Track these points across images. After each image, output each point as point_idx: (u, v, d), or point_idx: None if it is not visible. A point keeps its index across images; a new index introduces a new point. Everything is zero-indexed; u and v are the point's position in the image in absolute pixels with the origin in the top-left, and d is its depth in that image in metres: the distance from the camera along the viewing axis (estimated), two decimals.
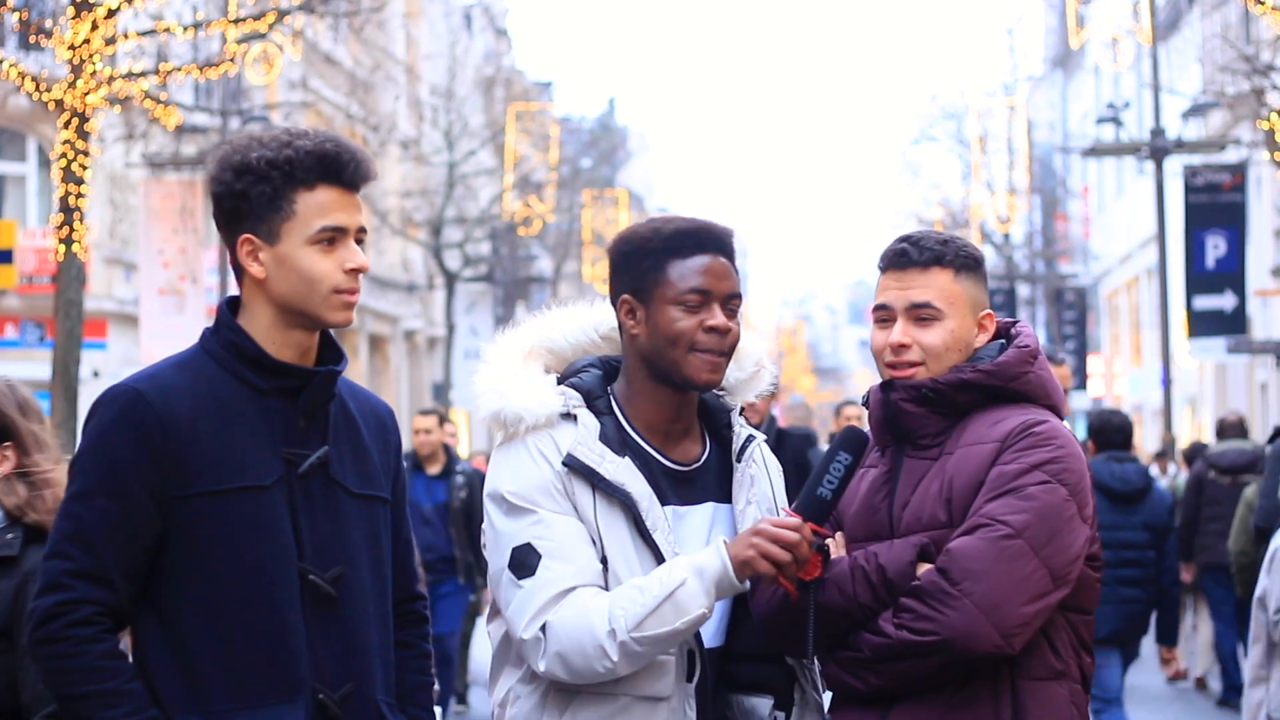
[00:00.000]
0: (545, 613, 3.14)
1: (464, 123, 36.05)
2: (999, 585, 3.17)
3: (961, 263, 3.43)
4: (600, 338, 3.43)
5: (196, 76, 15.90)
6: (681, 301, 3.24)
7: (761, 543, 3.13)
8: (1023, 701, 3.26)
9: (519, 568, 3.17)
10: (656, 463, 3.29)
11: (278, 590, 3.06)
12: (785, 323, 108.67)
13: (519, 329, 3.41)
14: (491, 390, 3.28)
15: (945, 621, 3.17)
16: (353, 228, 3.14)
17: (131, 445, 3.02)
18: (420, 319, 39.64)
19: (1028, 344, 3.43)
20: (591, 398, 3.30)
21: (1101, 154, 28.21)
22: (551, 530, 3.18)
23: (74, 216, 13.94)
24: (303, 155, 3.09)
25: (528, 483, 3.21)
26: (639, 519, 3.21)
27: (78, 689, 2.99)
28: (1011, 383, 3.38)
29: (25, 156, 26.06)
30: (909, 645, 3.20)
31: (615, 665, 3.11)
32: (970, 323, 3.44)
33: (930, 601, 3.18)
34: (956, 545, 3.21)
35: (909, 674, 3.23)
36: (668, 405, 3.32)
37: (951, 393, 3.36)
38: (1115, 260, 39.83)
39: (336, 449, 3.17)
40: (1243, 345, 23.13)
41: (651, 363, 3.29)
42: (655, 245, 3.27)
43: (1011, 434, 3.30)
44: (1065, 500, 3.26)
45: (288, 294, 3.12)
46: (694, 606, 3.11)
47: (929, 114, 41.42)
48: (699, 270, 3.25)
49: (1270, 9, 14.56)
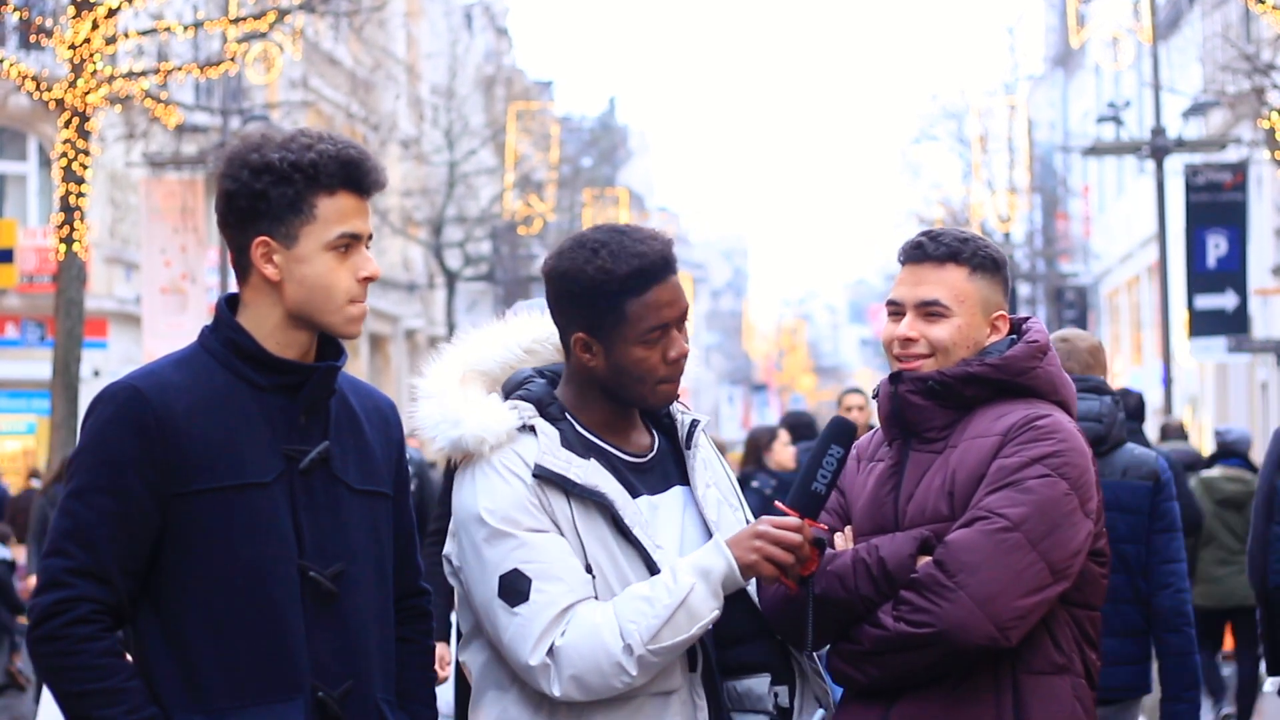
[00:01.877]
0: (549, 636, 3.12)
1: (464, 122, 36.08)
2: (995, 578, 3.17)
3: (978, 262, 3.43)
4: (525, 352, 3.41)
5: (197, 76, 15.91)
6: (645, 340, 3.22)
7: (764, 545, 3.14)
8: (1024, 695, 3.26)
9: (510, 594, 3.14)
10: (619, 459, 3.29)
11: (278, 588, 3.05)
12: (785, 322, 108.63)
13: (443, 357, 3.37)
14: (444, 420, 3.25)
15: (940, 613, 3.17)
16: (366, 235, 3.15)
17: (130, 443, 3.01)
18: (421, 318, 39.64)
19: (1037, 339, 3.43)
20: (543, 406, 3.29)
21: (1102, 153, 28.19)
22: (535, 551, 3.15)
23: (74, 216, 13.94)
24: (327, 160, 3.08)
25: (503, 501, 3.18)
26: (617, 518, 3.20)
27: (77, 687, 2.98)
28: (1019, 377, 3.38)
29: (26, 156, 26.07)
30: (906, 637, 3.20)
31: (634, 679, 3.11)
32: (980, 322, 3.43)
33: (926, 594, 3.19)
34: (954, 538, 3.22)
35: (908, 666, 3.24)
36: (619, 408, 3.33)
37: (958, 385, 3.36)
38: (1116, 259, 39.81)
39: (338, 445, 3.16)
40: (1243, 345, 23.11)
41: (609, 389, 3.28)
42: (611, 287, 3.20)
43: (1014, 428, 3.30)
44: (1066, 494, 3.25)
45: (302, 298, 3.11)
46: (705, 611, 3.12)
47: (929, 113, 41.48)
48: (659, 305, 3.22)
49: (1270, 8, 14.56)
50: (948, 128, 41.12)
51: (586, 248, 3.24)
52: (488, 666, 3.27)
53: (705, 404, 73.52)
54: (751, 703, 3.30)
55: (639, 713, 3.16)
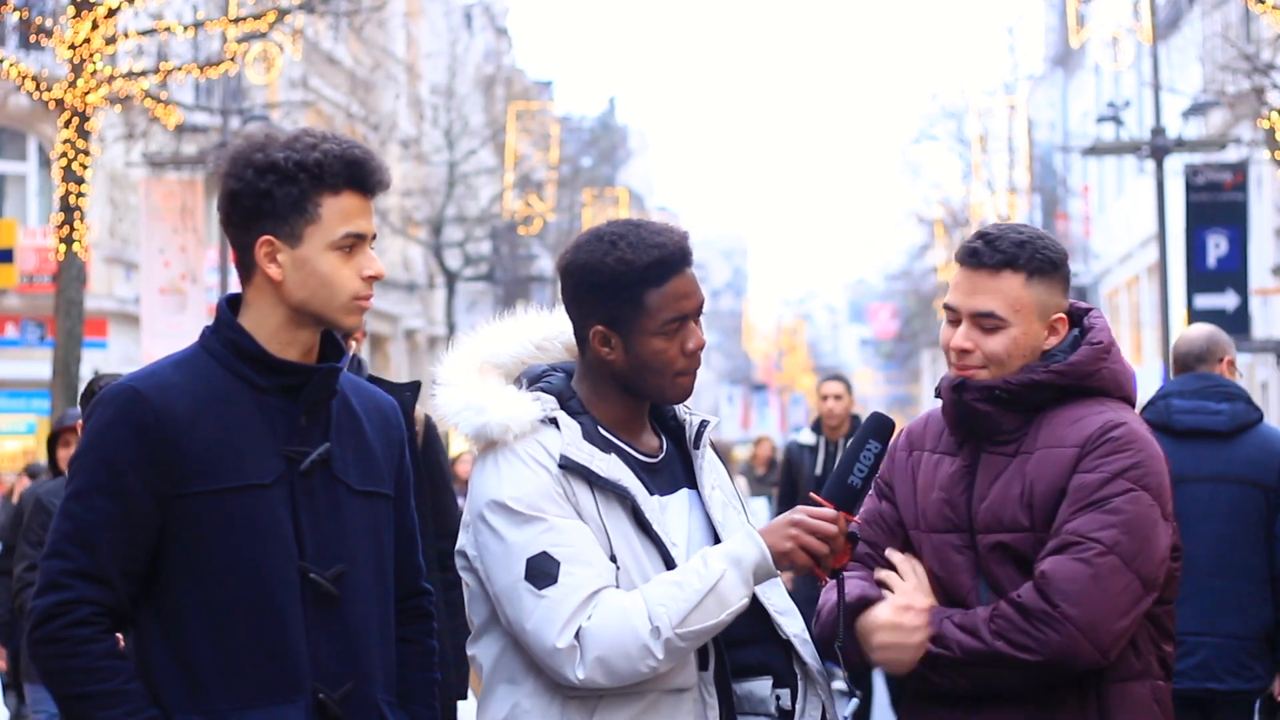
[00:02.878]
0: (578, 618, 3.09)
1: (464, 122, 36.07)
2: (1097, 605, 3.20)
3: (1035, 266, 3.38)
4: (536, 349, 3.42)
5: (196, 76, 15.91)
6: (663, 331, 3.24)
7: (800, 534, 3.15)
8: (1107, 703, 3.30)
9: (538, 577, 3.11)
10: (632, 457, 3.29)
11: (278, 589, 3.05)
12: (785, 322, 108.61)
13: (459, 349, 3.38)
14: (468, 407, 3.25)
15: (1046, 641, 3.20)
16: (370, 235, 3.15)
17: (130, 444, 3.01)
18: (420, 318, 39.64)
19: (1100, 339, 3.41)
20: (563, 399, 3.29)
21: (1102, 153, 28.17)
22: (564, 535, 3.14)
23: (74, 216, 13.94)
24: (332, 160, 3.08)
25: (529, 489, 3.17)
26: (639, 512, 3.21)
27: (77, 689, 2.98)
28: (1084, 380, 3.38)
29: (25, 156, 26.07)
30: (1006, 658, 3.23)
31: (660, 663, 3.09)
32: (1038, 328, 3.40)
33: (1033, 621, 3.21)
34: (1052, 567, 3.22)
35: (1000, 681, 3.27)
36: (634, 405, 3.33)
37: (1024, 392, 3.36)
38: (1115, 259, 39.80)
39: (339, 446, 3.16)
40: (1243, 345, 23.10)
41: (626, 383, 3.29)
42: (630, 278, 3.22)
43: (1090, 439, 3.30)
44: (1150, 506, 3.27)
45: (306, 297, 3.10)
46: (735, 597, 3.11)
47: (929, 113, 41.54)
48: (677, 296, 3.24)
49: (1270, 8, 14.56)
50: (947, 127, 41.16)
51: (605, 240, 3.25)
52: (500, 660, 3.24)
53: (705, 404, 73.48)
54: (753, 705, 3.29)
55: (652, 709, 3.15)
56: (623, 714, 3.13)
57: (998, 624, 3.24)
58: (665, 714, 3.15)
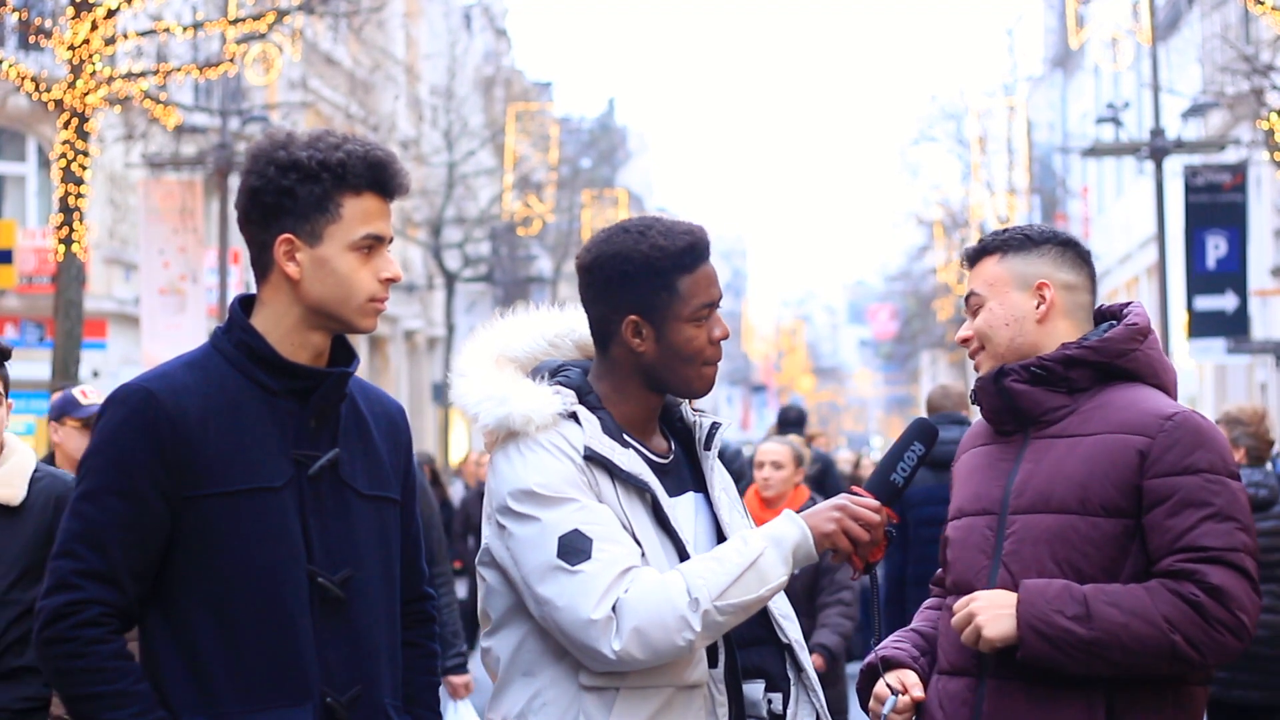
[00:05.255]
0: (614, 590, 3.09)
1: (464, 123, 36.07)
2: (1253, 609, 3.28)
3: (1010, 246, 3.53)
4: (549, 345, 3.43)
5: (196, 76, 15.92)
6: (695, 318, 3.26)
7: (845, 519, 3.19)
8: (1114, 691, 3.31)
9: (571, 553, 3.11)
10: (645, 456, 3.31)
11: (287, 592, 3.04)
12: (785, 323, 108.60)
13: (475, 341, 3.39)
14: (490, 398, 3.24)
15: (1224, 646, 3.26)
16: (389, 238, 3.15)
17: (141, 445, 3.01)
18: (420, 319, 39.64)
19: (1136, 321, 3.48)
20: (581, 394, 3.30)
21: (1101, 154, 28.17)
22: (596, 515, 3.15)
23: (74, 216, 13.94)
24: (355, 160, 3.08)
25: (555, 476, 3.17)
26: (658, 506, 3.22)
27: (85, 689, 2.98)
28: (1119, 359, 3.43)
29: (25, 156, 26.05)
30: (1178, 650, 3.23)
31: (697, 636, 3.09)
32: (1017, 296, 3.50)
33: (1214, 625, 3.25)
34: (1221, 580, 3.24)
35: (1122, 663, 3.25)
36: (651, 405, 3.35)
37: (1059, 368, 3.42)
38: (1115, 260, 39.80)
39: (347, 450, 3.16)
40: (1242, 346, 23.11)
41: (654, 375, 3.30)
42: (665, 264, 3.24)
43: (1157, 440, 3.31)
44: (1241, 490, 3.35)
45: (323, 297, 3.10)
46: (774, 575, 3.14)
47: (929, 114, 41.61)
48: (709, 282, 3.28)
49: (1270, 9, 14.57)
50: (947, 128, 41.19)
51: (632, 232, 3.28)
52: (519, 651, 3.23)
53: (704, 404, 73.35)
54: (746, 708, 3.31)
55: (666, 705, 3.16)
56: (641, 711, 3.14)
57: (1174, 618, 3.23)
58: (679, 711, 3.16)
